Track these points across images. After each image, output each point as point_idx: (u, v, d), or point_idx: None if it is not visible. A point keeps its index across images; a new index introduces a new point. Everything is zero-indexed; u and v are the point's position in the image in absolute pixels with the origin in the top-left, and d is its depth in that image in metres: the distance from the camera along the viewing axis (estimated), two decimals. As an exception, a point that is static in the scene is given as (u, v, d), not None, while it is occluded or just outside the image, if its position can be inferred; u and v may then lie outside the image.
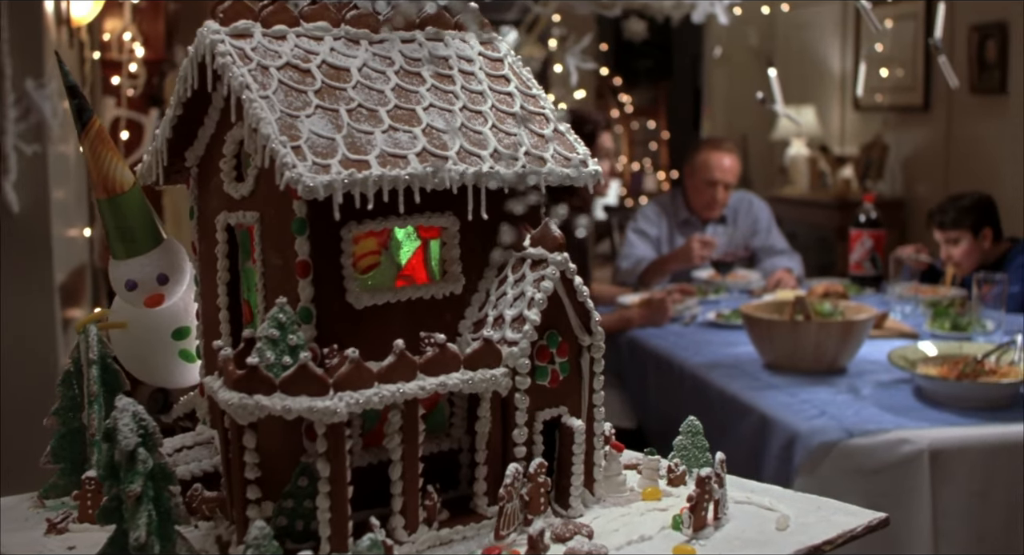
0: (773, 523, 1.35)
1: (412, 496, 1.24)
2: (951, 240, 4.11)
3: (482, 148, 1.34)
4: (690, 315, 3.81)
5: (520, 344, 1.28)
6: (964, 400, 2.79)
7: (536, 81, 1.53)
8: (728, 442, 3.01)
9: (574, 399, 1.37)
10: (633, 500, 1.41)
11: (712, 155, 4.48)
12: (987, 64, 6.26)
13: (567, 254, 1.34)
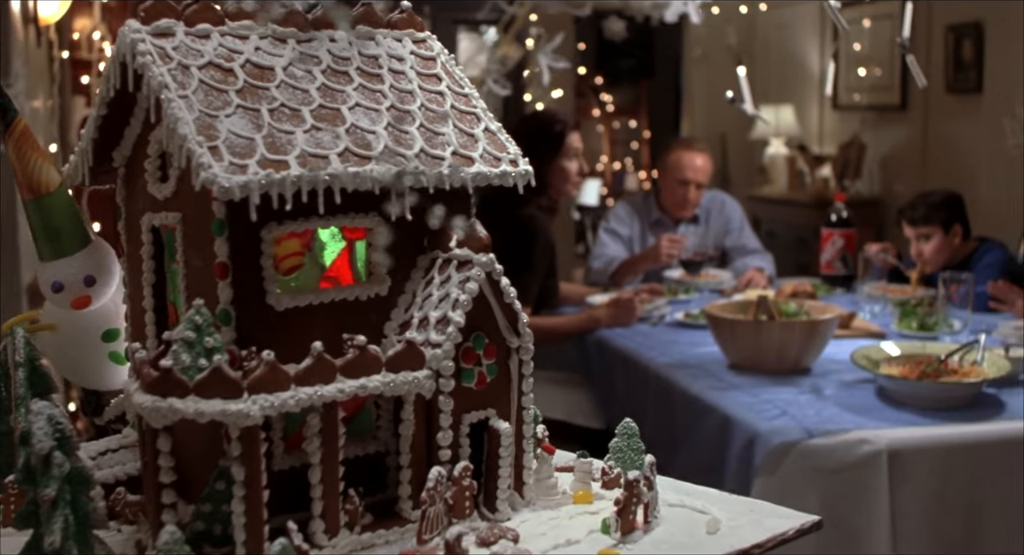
0: (704, 526, 1.33)
1: (332, 500, 1.23)
2: (922, 236, 4.11)
3: (408, 148, 1.32)
4: (658, 315, 3.80)
5: (443, 346, 1.27)
6: (925, 400, 2.78)
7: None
8: (691, 442, 3.01)
9: (502, 401, 1.35)
10: (564, 503, 1.39)
11: (684, 155, 4.47)
12: (963, 64, 6.26)
13: (493, 255, 1.33)
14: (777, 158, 7.54)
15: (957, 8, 6.25)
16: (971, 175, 6.05)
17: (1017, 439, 2.65)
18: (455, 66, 1.49)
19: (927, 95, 6.61)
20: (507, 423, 1.34)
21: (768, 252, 4.71)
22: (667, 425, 3.14)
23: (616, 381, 3.55)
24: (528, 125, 3.86)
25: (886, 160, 7.01)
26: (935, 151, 6.57)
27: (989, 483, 2.64)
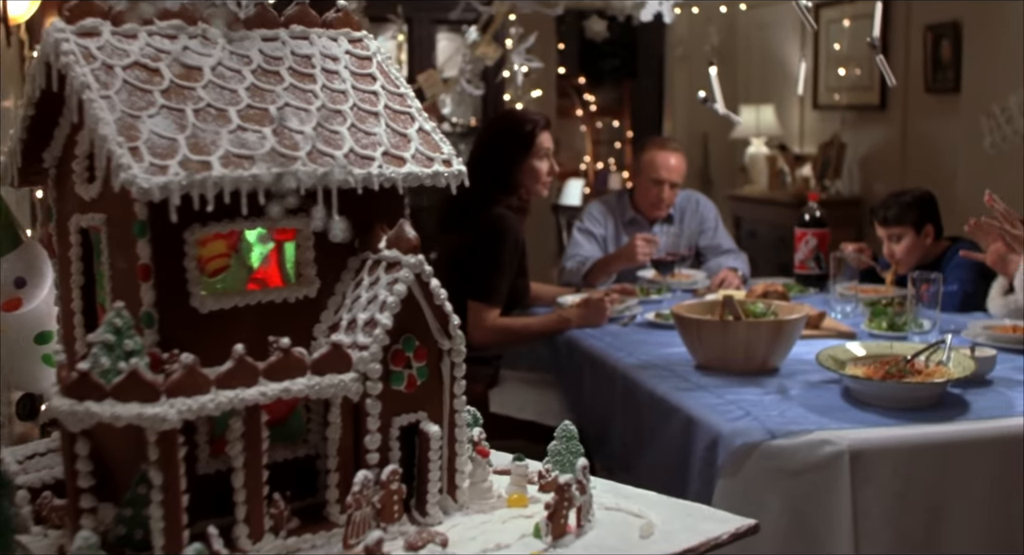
0: (638, 530, 1.32)
1: (256, 504, 1.21)
2: (893, 236, 4.10)
3: (336, 148, 1.31)
4: (629, 316, 3.79)
5: (370, 348, 1.26)
6: (889, 400, 2.77)
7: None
8: (657, 443, 3.00)
9: (434, 404, 1.34)
10: (498, 507, 1.38)
11: (658, 154, 4.46)
12: (941, 63, 6.27)
13: (422, 257, 1.31)
14: (758, 158, 7.54)
15: (935, 8, 6.25)
16: (950, 174, 6.05)
17: (981, 440, 2.64)
18: (392, 65, 1.48)
19: (906, 95, 6.61)
20: (438, 426, 1.32)
21: (743, 252, 4.70)
22: (634, 426, 3.13)
23: (585, 382, 3.53)
24: (498, 125, 3.85)
25: (866, 160, 7.02)
26: (914, 151, 6.58)
27: (952, 484, 2.63)
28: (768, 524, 2.55)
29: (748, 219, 7.50)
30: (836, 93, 7.19)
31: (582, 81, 9.19)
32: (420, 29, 6.33)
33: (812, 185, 7.10)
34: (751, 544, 2.58)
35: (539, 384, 3.80)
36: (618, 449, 3.25)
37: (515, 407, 3.62)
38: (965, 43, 6.00)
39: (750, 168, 7.67)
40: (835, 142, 7.05)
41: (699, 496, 2.69)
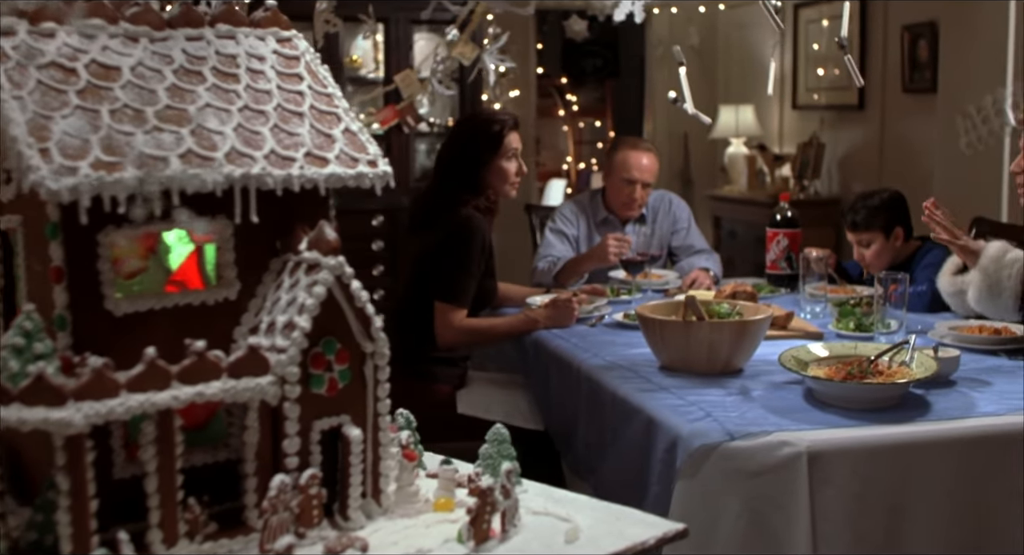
0: (564, 535, 1.31)
1: (170, 509, 1.20)
2: (863, 241, 4.09)
3: (256, 149, 1.29)
4: (597, 316, 3.77)
5: (288, 351, 1.24)
6: (850, 401, 2.76)
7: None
8: (619, 445, 2.98)
9: (357, 408, 1.33)
10: (424, 511, 1.37)
11: (630, 154, 4.45)
12: (919, 63, 6.27)
13: (343, 258, 1.30)
14: (737, 158, 7.53)
15: (912, 8, 6.25)
16: (926, 174, 6.06)
17: (941, 440, 2.63)
18: (320, 65, 1.46)
19: (884, 95, 6.61)
20: (359, 430, 1.31)
21: (715, 252, 4.69)
22: (597, 427, 3.11)
23: (551, 383, 3.52)
24: (466, 125, 3.83)
25: (844, 159, 7.01)
26: (892, 150, 6.58)
27: (912, 485, 2.62)
28: (727, 525, 2.54)
29: (727, 219, 7.49)
30: (815, 93, 7.19)
31: (564, 81, 9.17)
32: (397, 29, 6.30)
33: (791, 185, 7.09)
34: (710, 545, 2.58)
35: (507, 385, 3.78)
36: (582, 450, 3.24)
37: (483, 408, 3.60)
38: (941, 43, 6.00)
39: (729, 168, 7.67)
40: (814, 142, 7.05)
41: (659, 498, 2.68)
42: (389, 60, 6.29)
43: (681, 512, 2.58)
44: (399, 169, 6.37)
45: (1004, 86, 5.56)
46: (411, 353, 3.67)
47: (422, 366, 3.66)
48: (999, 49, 5.56)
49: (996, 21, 5.55)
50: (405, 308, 3.73)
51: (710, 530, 2.56)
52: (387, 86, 6.25)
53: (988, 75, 5.59)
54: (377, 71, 6.49)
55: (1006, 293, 3.12)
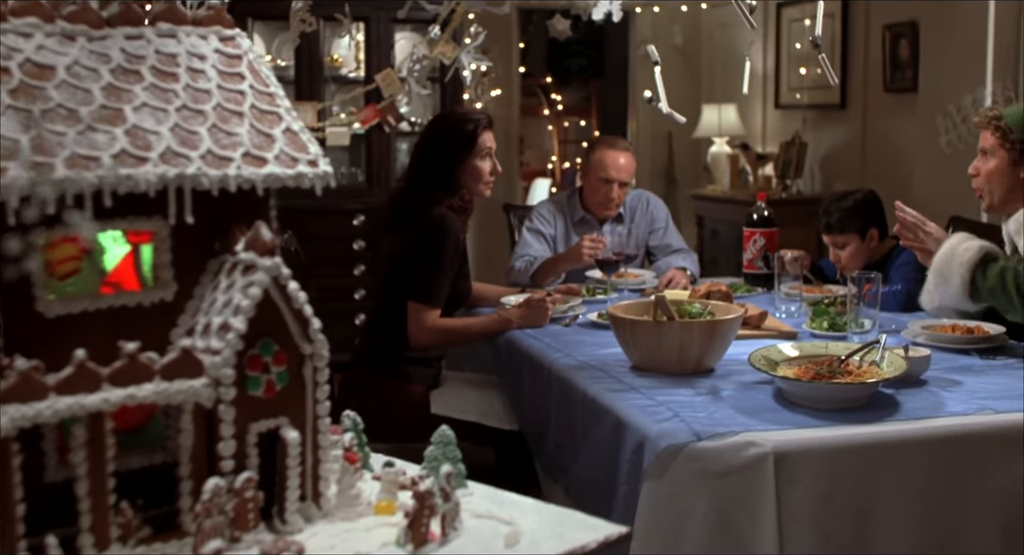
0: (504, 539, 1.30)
1: (101, 512, 1.18)
2: (838, 243, 4.10)
3: (193, 149, 1.28)
4: (572, 316, 3.76)
5: (222, 353, 1.23)
6: (819, 401, 2.75)
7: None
8: (589, 445, 2.97)
9: (296, 410, 1.31)
10: (365, 515, 1.36)
11: (607, 153, 4.44)
12: (900, 63, 6.27)
13: (279, 259, 1.28)
14: (720, 157, 7.53)
15: (894, 7, 6.26)
16: (908, 173, 6.06)
17: (909, 440, 2.62)
18: (263, 64, 1.45)
19: (865, 94, 6.62)
20: (297, 432, 1.30)
21: (693, 252, 4.68)
22: (568, 428, 3.10)
23: (524, 383, 3.51)
24: (439, 124, 3.80)
25: (826, 158, 7.02)
26: (873, 150, 6.58)
27: (880, 485, 2.61)
28: (694, 526, 2.53)
29: (710, 218, 7.49)
30: (797, 92, 7.19)
31: (549, 80, 9.17)
32: (378, 28, 6.28)
33: (774, 184, 7.09)
34: (677, 546, 2.57)
35: (482, 385, 3.77)
36: (554, 451, 3.23)
37: (457, 408, 3.59)
38: (922, 43, 6.00)
39: (712, 167, 7.67)
40: (796, 141, 7.05)
41: (627, 498, 2.67)
42: (370, 59, 6.27)
43: (648, 513, 2.57)
44: (380, 169, 6.36)
45: (984, 85, 5.57)
46: (385, 353, 3.66)
47: (396, 366, 3.65)
48: (978, 49, 5.57)
49: (975, 21, 5.55)
50: (378, 308, 3.72)
51: (677, 530, 2.55)
52: (368, 85, 6.24)
53: (968, 74, 5.59)
54: (358, 70, 6.47)
55: (953, 281, 3.13)
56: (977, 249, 3.14)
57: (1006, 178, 3.36)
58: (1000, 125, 3.34)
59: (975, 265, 3.12)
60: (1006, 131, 3.33)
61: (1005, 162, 3.35)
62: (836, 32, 6.80)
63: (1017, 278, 3.06)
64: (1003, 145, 3.34)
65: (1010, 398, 2.82)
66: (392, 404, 3.61)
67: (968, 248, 3.15)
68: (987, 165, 3.40)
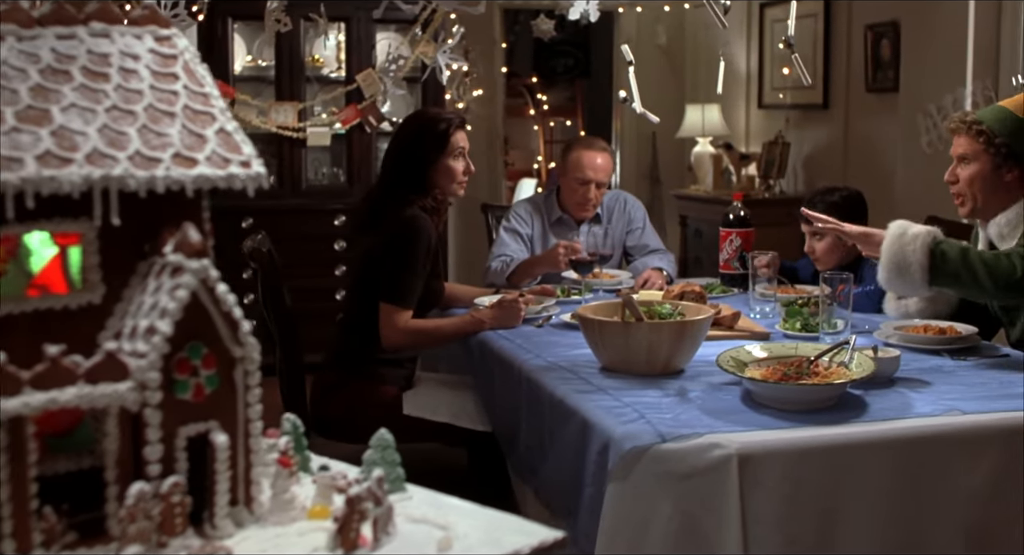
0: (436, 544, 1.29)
1: (23, 518, 1.17)
2: (815, 234, 4.09)
3: (121, 149, 1.26)
4: (545, 317, 3.75)
5: (148, 356, 1.21)
6: (786, 402, 2.74)
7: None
8: (556, 446, 2.96)
9: (227, 414, 1.30)
10: (299, 519, 1.34)
11: (584, 154, 4.43)
12: (881, 63, 6.27)
13: (207, 261, 1.27)
14: (703, 157, 7.52)
15: (876, 8, 6.25)
16: (889, 173, 6.06)
17: (874, 441, 2.61)
18: (199, 64, 1.43)
19: (848, 94, 6.62)
20: (226, 435, 1.28)
21: (670, 252, 4.68)
22: (537, 429, 3.09)
23: (495, 384, 3.49)
24: (412, 124, 3.79)
25: (809, 158, 7.02)
26: (855, 150, 6.58)
27: (845, 487, 2.60)
28: (659, 528, 2.52)
29: (694, 218, 7.48)
30: (780, 92, 7.19)
31: (534, 80, 9.16)
32: (359, 28, 6.27)
33: (757, 184, 7.08)
34: (642, 548, 2.55)
35: (456, 386, 3.76)
36: (524, 452, 3.22)
37: (430, 409, 3.58)
38: (903, 43, 6.00)
39: (696, 167, 7.66)
40: (779, 141, 7.05)
41: (593, 500, 2.66)
42: (351, 60, 6.27)
43: (613, 514, 2.56)
44: (361, 169, 6.35)
45: (964, 85, 5.57)
46: (357, 354, 3.64)
47: (368, 367, 3.64)
48: (959, 49, 5.57)
49: (956, 21, 5.56)
50: (351, 309, 3.71)
51: (642, 532, 2.54)
52: (349, 86, 6.24)
53: (948, 74, 5.60)
54: (339, 70, 6.46)
55: (912, 267, 3.11)
56: (926, 232, 3.13)
57: (989, 182, 3.33)
58: (982, 129, 3.30)
59: (930, 249, 3.10)
60: (990, 135, 3.29)
61: (988, 166, 3.31)
62: (818, 32, 6.80)
63: (981, 254, 3.06)
64: (987, 149, 3.30)
65: (978, 399, 2.81)
66: (364, 405, 3.60)
67: (916, 234, 3.13)
68: (967, 171, 3.36)
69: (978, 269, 3.04)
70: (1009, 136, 3.26)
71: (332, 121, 6.26)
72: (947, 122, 3.51)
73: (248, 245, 3.54)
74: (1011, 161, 3.27)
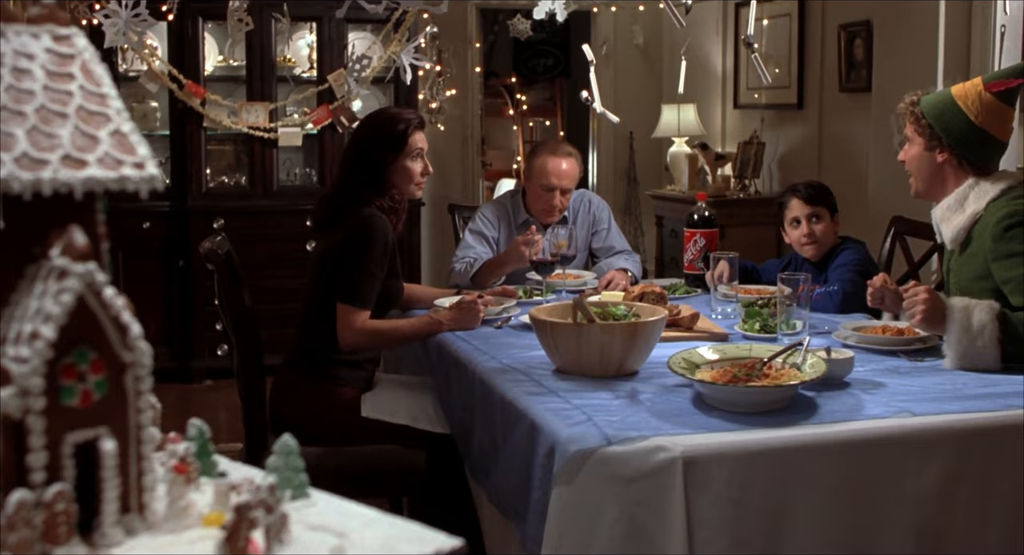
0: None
1: None
2: (814, 216, 4.10)
3: (7, 151, 1.24)
4: (504, 318, 3.73)
5: (31, 362, 1.19)
6: (735, 405, 2.72)
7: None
8: (507, 449, 2.94)
9: (117, 420, 1.27)
10: (194, 526, 1.32)
11: (549, 160, 4.40)
12: (855, 63, 6.26)
13: (93, 265, 1.25)
14: (679, 157, 7.51)
15: (849, 7, 6.25)
16: (863, 173, 6.05)
17: (823, 444, 2.59)
18: (98, 64, 1.41)
19: (822, 94, 6.61)
20: (113, 442, 1.26)
21: (636, 253, 4.66)
22: (490, 431, 3.07)
23: (451, 386, 3.47)
24: (370, 124, 3.76)
25: (784, 158, 7.01)
26: (829, 150, 6.58)
27: (793, 490, 2.58)
28: (605, 531, 2.50)
29: (670, 218, 7.47)
30: (756, 93, 7.18)
31: (514, 80, 9.13)
32: (330, 28, 6.24)
33: (732, 184, 7.07)
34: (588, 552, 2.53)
35: (415, 388, 3.73)
36: (478, 455, 3.20)
37: (388, 411, 3.56)
38: (875, 43, 5.99)
39: (672, 168, 7.65)
40: (754, 141, 7.04)
41: (540, 504, 2.64)
42: (322, 60, 6.24)
43: (558, 518, 2.54)
44: (333, 169, 6.32)
45: (935, 85, 5.55)
46: (315, 355, 3.62)
47: (326, 369, 3.61)
48: (930, 48, 5.57)
49: (927, 20, 5.55)
50: (308, 310, 3.68)
51: (588, 536, 2.53)
52: (321, 86, 6.21)
53: (920, 74, 5.58)
54: (311, 70, 6.44)
55: (988, 358, 3.07)
56: (990, 321, 3.06)
57: (925, 163, 3.38)
58: (915, 111, 3.37)
59: (999, 340, 3.02)
60: (919, 116, 3.35)
61: (922, 147, 3.37)
62: (793, 32, 6.79)
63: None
64: (919, 131, 3.36)
65: (930, 400, 2.80)
66: (323, 407, 3.57)
67: (982, 325, 3.06)
68: (909, 152, 3.44)
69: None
70: (934, 118, 3.29)
71: (304, 121, 6.24)
72: (899, 104, 3.55)
73: (205, 246, 3.51)
74: (938, 142, 3.30)
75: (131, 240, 6.22)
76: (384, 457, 3.56)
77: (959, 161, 3.31)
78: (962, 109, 3.29)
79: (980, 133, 3.27)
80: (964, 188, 3.31)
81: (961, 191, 3.32)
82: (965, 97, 3.29)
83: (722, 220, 6.77)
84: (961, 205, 3.31)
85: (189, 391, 6.19)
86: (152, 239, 6.16)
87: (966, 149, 3.29)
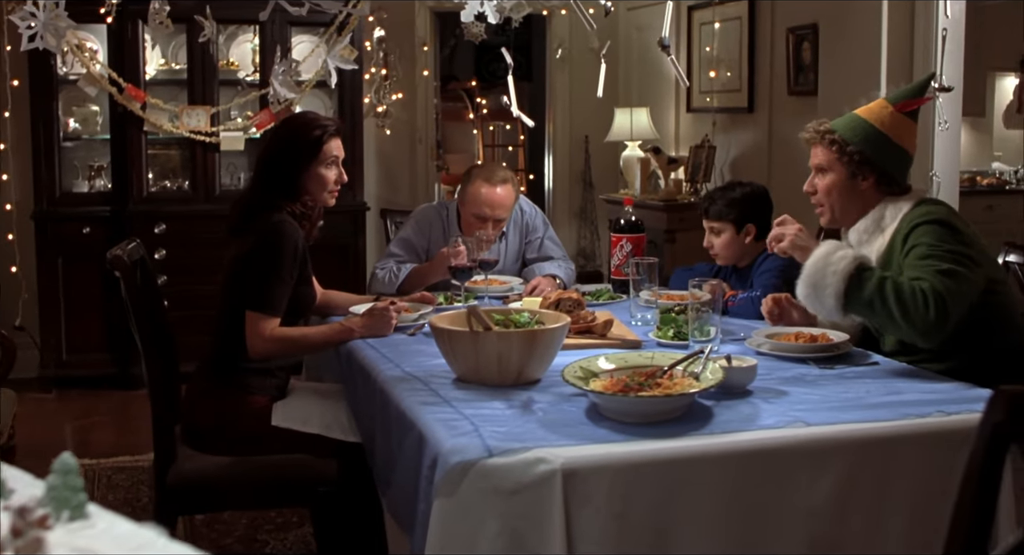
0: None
1: None
2: (714, 230, 4.07)
3: None
4: (418, 325, 3.67)
5: None
6: (626, 415, 2.66)
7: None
8: (401, 460, 2.88)
9: None
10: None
11: (482, 189, 4.30)
12: (803, 66, 6.23)
13: None
14: (631, 161, 7.46)
15: (796, 10, 6.22)
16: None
17: (711, 455, 2.53)
18: None
19: (771, 97, 6.57)
20: None
21: (570, 260, 4.60)
22: (387, 441, 3.02)
23: (359, 393, 3.42)
24: (285, 128, 3.69)
25: (735, 161, 6.97)
26: (779, 153, 6.54)
27: (680, 503, 2.51)
28: (486, 545, 2.44)
29: (624, 223, 7.42)
30: (708, 96, 7.14)
31: (474, 84, 9.08)
32: (273, 31, 6.18)
33: (684, 188, 7.03)
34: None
35: (329, 396, 3.67)
36: (381, 465, 3.14)
37: (300, 420, 3.49)
38: (821, 46, 5.96)
39: (625, 171, 7.60)
40: (705, 145, 7.00)
41: (425, 516, 2.58)
42: (265, 63, 6.18)
43: (440, 531, 2.48)
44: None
45: (879, 89, 5.53)
46: (226, 363, 3.55)
47: (236, 377, 3.54)
48: (873, 51, 5.54)
49: (870, 23, 5.52)
50: (219, 317, 3.61)
51: (469, 550, 2.47)
52: (264, 89, 6.15)
53: (864, 77, 5.57)
54: (255, 74, 6.37)
55: (828, 290, 3.04)
56: (852, 258, 3.05)
57: (846, 191, 3.35)
58: (835, 138, 3.33)
59: (850, 275, 3.02)
60: (841, 144, 3.31)
61: (844, 176, 3.33)
62: (743, 35, 6.75)
63: (898, 289, 2.97)
64: (840, 158, 3.31)
65: (827, 409, 2.76)
66: (234, 416, 3.51)
67: (843, 257, 3.06)
68: (824, 181, 3.39)
69: (891, 303, 2.96)
70: (861, 143, 3.26)
71: (247, 125, 6.17)
72: (802, 132, 3.50)
73: (113, 253, 3.44)
74: (865, 168, 3.27)
75: (71, 245, 6.15)
76: (293, 466, 3.48)
77: (879, 183, 3.28)
78: (878, 128, 3.27)
79: (898, 150, 3.27)
80: (879, 209, 3.29)
81: (876, 212, 3.29)
82: (876, 117, 3.29)
83: (673, 224, 6.76)
84: (878, 226, 3.29)
85: (130, 397, 6.13)
86: (92, 244, 6.08)
87: (890, 165, 3.27)
